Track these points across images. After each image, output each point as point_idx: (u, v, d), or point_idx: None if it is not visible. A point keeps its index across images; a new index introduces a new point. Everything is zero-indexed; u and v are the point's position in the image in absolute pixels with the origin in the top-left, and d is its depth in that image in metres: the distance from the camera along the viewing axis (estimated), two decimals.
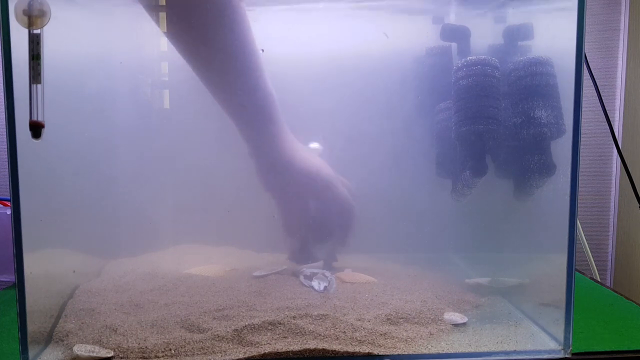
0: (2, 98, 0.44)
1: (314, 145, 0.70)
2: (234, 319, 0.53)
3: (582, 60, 0.47)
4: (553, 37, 0.58)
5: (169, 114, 0.73)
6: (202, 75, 0.67)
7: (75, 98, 0.63)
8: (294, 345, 0.48)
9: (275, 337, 0.49)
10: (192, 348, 0.47)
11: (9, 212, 0.64)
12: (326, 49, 0.70)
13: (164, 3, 0.63)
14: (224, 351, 0.47)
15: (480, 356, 0.48)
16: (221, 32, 0.64)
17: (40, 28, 0.44)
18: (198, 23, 0.63)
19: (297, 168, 0.68)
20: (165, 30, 0.64)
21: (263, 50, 0.61)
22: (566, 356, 0.49)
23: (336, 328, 0.51)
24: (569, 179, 0.48)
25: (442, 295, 0.62)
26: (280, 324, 0.52)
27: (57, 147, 0.56)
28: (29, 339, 0.46)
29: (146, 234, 0.73)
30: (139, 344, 0.48)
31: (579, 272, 0.78)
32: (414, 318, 0.54)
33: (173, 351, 0.47)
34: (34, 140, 0.44)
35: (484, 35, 0.67)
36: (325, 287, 0.64)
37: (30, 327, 0.46)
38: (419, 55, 0.69)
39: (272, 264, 0.73)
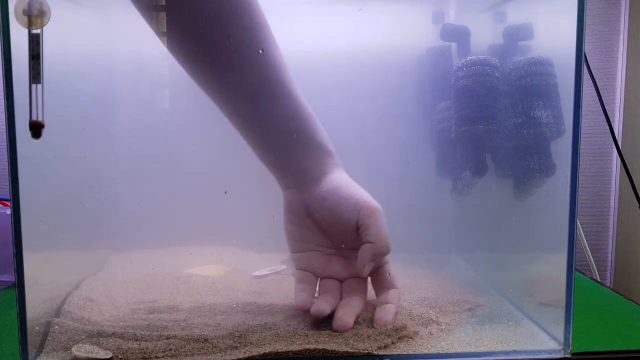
0: (2, 98, 0.44)
1: None
2: (234, 319, 0.53)
3: (582, 60, 0.47)
4: (553, 37, 0.58)
5: (169, 113, 0.73)
6: (207, 84, 0.55)
7: (75, 97, 0.63)
8: (294, 345, 0.48)
9: (275, 337, 0.49)
10: (192, 348, 0.47)
11: (9, 212, 0.64)
12: (324, 48, 0.69)
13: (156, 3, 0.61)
14: (224, 351, 0.47)
15: (480, 356, 0.48)
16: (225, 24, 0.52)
17: (40, 28, 0.44)
18: (195, 15, 0.52)
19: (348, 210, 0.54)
20: (160, 31, 0.55)
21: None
22: (566, 356, 0.49)
23: None
24: (569, 179, 0.48)
25: (442, 295, 0.62)
26: (280, 324, 0.52)
27: (57, 147, 0.56)
28: (28, 339, 0.46)
29: (146, 234, 0.73)
30: (139, 344, 0.48)
31: (579, 272, 0.78)
32: (414, 318, 0.54)
33: (173, 351, 0.47)
34: (34, 140, 0.44)
35: (484, 35, 0.67)
36: None
37: (30, 327, 0.46)
38: (419, 55, 0.70)
39: (272, 264, 0.73)
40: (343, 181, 0.56)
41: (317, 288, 0.57)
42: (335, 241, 0.57)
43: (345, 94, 0.69)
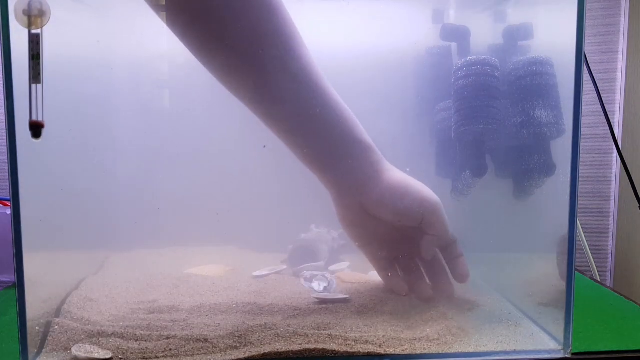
0: (2, 98, 0.44)
1: None
2: (234, 319, 0.53)
3: (582, 60, 0.47)
4: (553, 37, 0.58)
5: (169, 113, 0.73)
6: (244, 96, 0.54)
7: (75, 97, 0.63)
8: (294, 345, 0.48)
9: (275, 337, 0.49)
10: (192, 348, 0.47)
11: (9, 212, 0.64)
12: (323, 48, 0.69)
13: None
14: (224, 351, 0.47)
15: (480, 356, 0.48)
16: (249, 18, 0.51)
17: (40, 28, 0.44)
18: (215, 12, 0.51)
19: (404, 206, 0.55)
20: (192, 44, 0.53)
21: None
22: (566, 356, 0.49)
23: (336, 328, 0.51)
24: (569, 179, 0.48)
25: None
26: (280, 324, 0.52)
27: (57, 147, 0.56)
28: (28, 339, 0.46)
29: (146, 234, 0.73)
30: (139, 344, 0.48)
31: (579, 272, 0.78)
32: (413, 317, 0.54)
33: (173, 351, 0.47)
34: (34, 140, 0.44)
35: (484, 35, 0.67)
36: (325, 287, 0.64)
37: (30, 327, 0.46)
38: (419, 55, 0.69)
39: (272, 264, 0.73)
40: (396, 183, 0.57)
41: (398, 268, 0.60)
42: (399, 228, 0.58)
43: (344, 94, 0.69)
